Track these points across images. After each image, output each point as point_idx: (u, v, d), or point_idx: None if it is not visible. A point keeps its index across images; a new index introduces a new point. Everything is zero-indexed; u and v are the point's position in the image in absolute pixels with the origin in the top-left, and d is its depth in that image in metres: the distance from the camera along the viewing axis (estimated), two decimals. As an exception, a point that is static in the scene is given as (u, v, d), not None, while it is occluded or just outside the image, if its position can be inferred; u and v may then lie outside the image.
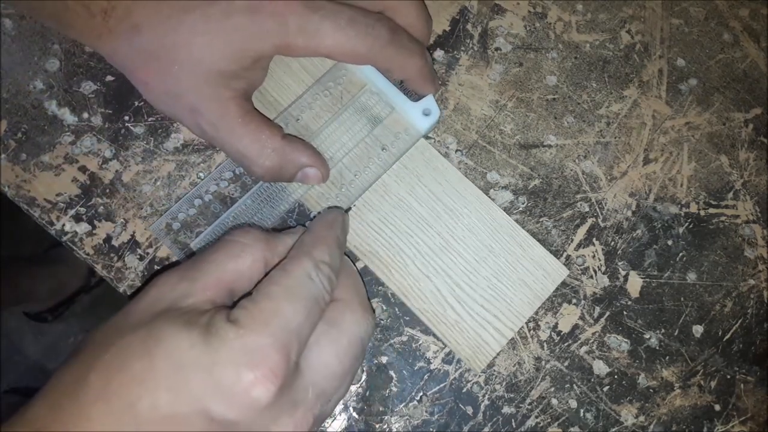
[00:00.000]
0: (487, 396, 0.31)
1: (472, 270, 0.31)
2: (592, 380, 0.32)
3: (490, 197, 0.32)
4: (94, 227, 0.31)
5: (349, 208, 0.31)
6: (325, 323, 0.24)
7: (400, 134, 0.31)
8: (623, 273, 0.33)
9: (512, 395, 0.31)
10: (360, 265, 0.31)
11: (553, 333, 0.32)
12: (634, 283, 0.33)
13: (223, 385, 0.20)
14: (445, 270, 0.31)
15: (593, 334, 0.32)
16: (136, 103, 0.32)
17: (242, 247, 0.24)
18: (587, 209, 0.34)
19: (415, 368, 0.31)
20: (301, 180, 0.29)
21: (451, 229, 0.31)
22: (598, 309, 0.33)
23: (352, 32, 0.27)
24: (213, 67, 0.26)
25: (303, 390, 0.22)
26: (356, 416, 0.31)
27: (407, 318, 0.31)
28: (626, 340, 0.32)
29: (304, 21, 0.27)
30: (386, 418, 0.31)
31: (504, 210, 0.32)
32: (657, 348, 0.33)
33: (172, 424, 0.20)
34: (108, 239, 0.31)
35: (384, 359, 0.31)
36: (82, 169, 0.31)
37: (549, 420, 0.31)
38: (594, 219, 0.33)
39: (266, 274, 0.24)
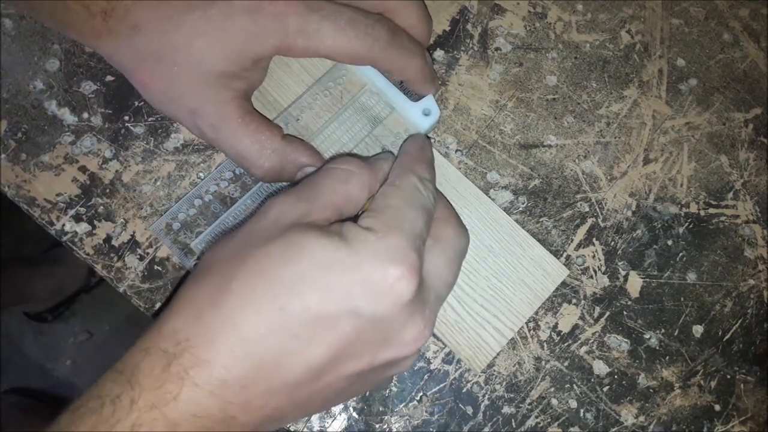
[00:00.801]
0: (487, 396, 0.31)
1: (472, 270, 0.31)
2: (592, 380, 0.32)
3: (490, 197, 0.32)
4: (94, 227, 0.31)
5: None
6: (431, 238, 0.25)
7: (400, 134, 0.31)
8: (623, 273, 0.33)
9: (512, 395, 0.31)
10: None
11: (553, 333, 0.32)
12: (634, 283, 0.33)
13: (371, 282, 0.21)
14: (445, 270, 0.31)
15: (593, 334, 0.32)
16: (136, 103, 0.32)
17: (349, 173, 0.25)
18: (587, 209, 0.34)
19: (415, 368, 0.31)
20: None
21: (451, 229, 0.31)
22: (598, 309, 0.33)
23: (352, 33, 0.27)
24: (213, 68, 0.26)
25: (427, 291, 0.24)
26: (356, 416, 0.31)
27: (407, 318, 0.31)
28: (626, 340, 0.32)
29: (304, 22, 0.27)
30: (386, 418, 0.31)
31: (504, 210, 0.32)
32: (657, 348, 0.33)
33: (323, 323, 0.21)
34: (108, 239, 0.31)
35: (384, 359, 0.31)
36: (82, 169, 0.32)
37: (549, 420, 0.31)
38: (594, 219, 0.33)
39: (370, 198, 0.25)
